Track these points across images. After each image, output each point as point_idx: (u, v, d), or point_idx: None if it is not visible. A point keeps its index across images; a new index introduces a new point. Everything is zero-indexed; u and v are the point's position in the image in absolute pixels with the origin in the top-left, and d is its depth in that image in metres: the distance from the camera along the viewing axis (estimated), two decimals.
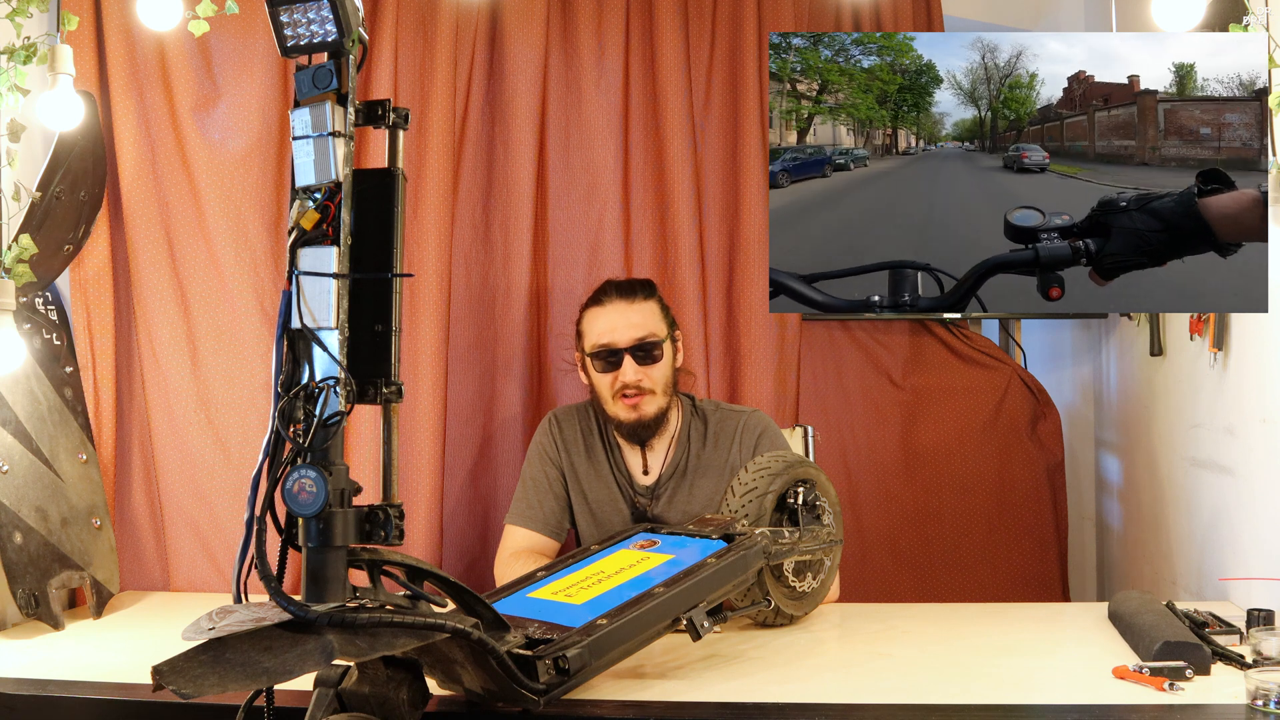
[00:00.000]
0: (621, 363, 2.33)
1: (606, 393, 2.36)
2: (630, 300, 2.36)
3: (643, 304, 2.37)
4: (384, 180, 1.46)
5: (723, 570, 1.80)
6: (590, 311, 2.39)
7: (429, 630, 1.37)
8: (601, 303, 2.38)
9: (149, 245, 2.58)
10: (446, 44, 2.74)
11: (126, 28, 2.55)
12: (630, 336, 2.34)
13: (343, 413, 1.37)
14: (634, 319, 2.35)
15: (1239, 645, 1.84)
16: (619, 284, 2.41)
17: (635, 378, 2.33)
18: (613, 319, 2.35)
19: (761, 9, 2.92)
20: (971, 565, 3.16)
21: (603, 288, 2.41)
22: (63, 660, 1.96)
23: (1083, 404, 3.56)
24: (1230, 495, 2.35)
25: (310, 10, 1.41)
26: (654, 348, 2.34)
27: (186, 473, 2.59)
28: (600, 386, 2.38)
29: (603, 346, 2.35)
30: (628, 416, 2.35)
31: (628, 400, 2.34)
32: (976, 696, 1.64)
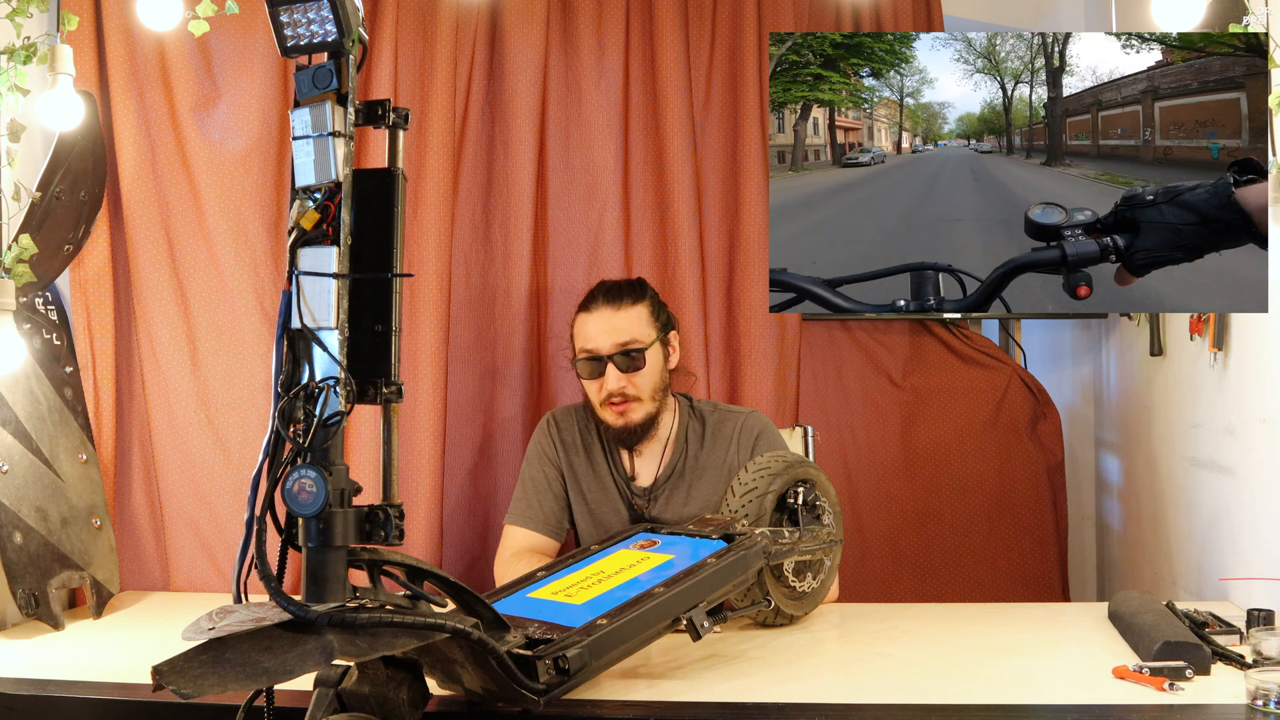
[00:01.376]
0: (605, 370, 2.33)
1: (594, 398, 2.37)
2: (616, 306, 2.35)
3: (629, 309, 2.35)
4: (384, 180, 1.46)
5: (723, 570, 1.80)
6: (579, 317, 2.39)
7: (429, 630, 1.37)
8: (589, 309, 2.37)
9: (149, 245, 2.58)
10: (446, 44, 2.74)
11: (126, 28, 2.55)
12: (613, 343, 2.32)
13: (343, 413, 1.37)
14: (618, 325, 2.33)
15: (1239, 645, 1.84)
16: (607, 288, 2.39)
17: (618, 385, 2.32)
18: (598, 325, 2.34)
19: (761, 9, 2.91)
20: (971, 565, 3.16)
21: (592, 292, 2.40)
22: (63, 660, 1.95)
23: (1083, 404, 3.56)
24: (1230, 495, 2.35)
25: (310, 10, 1.41)
26: (638, 355, 2.33)
27: (186, 473, 2.59)
28: (589, 393, 2.38)
29: (587, 353, 2.34)
30: (614, 422, 2.35)
31: (614, 407, 2.34)
32: (976, 696, 1.64)
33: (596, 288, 2.41)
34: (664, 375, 2.39)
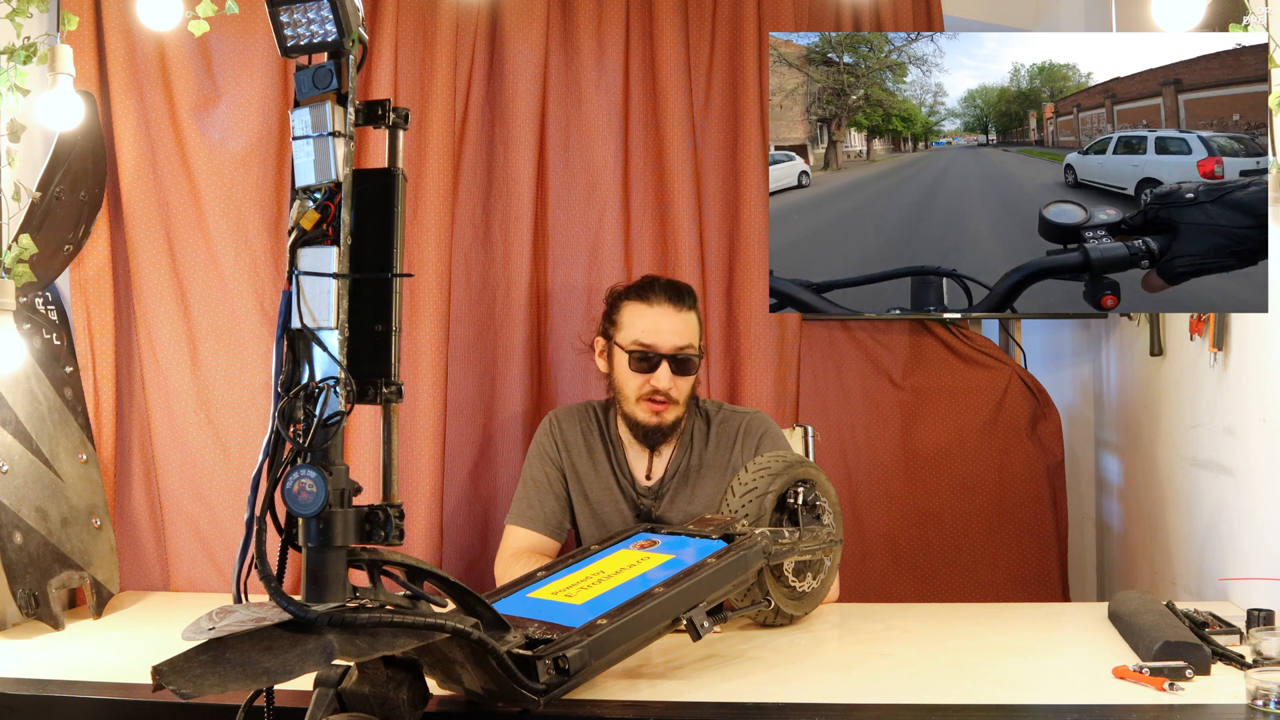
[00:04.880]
0: (658, 367, 2.30)
1: (631, 392, 2.34)
2: (678, 307, 2.33)
3: (688, 314, 2.34)
4: (384, 180, 1.46)
5: (723, 570, 1.80)
6: (634, 306, 2.35)
7: (429, 630, 1.37)
8: (649, 300, 2.33)
9: (149, 245, 2.58)
10: (446, 44, 2.74)
11: (126, 28, 2.55)
12: (673, 344, 2.31)
13: (343, 413, 1.37)
14: (679, 326, 2.32)
15: (1239, 645, 1.84)
16: (667, 285, 2.36)
17: (668, 385, 2.30)
18: (659, 321, 2.31)
19: (761, 9, 2.92)
20: (971, 565, 3.16)
21: (650, 284, 2.36)
22: (63, 660, 1.95)
23: (1083, 404, 3.56)
24: (1230, 495, 2.35)
25: (310, 10, 1.41)
26: (691, 361, 2.33)
27: (186, 473, 2.59)
28: (626, 384, 2.34)
29: (643, 346, 2.31)
30: (647, 420, 2.34)
31: (653, 405, 2.32)
32: (976, 696, 1.64)
33: (654, 281, 2.37)
34: (697, 384, 2.39)
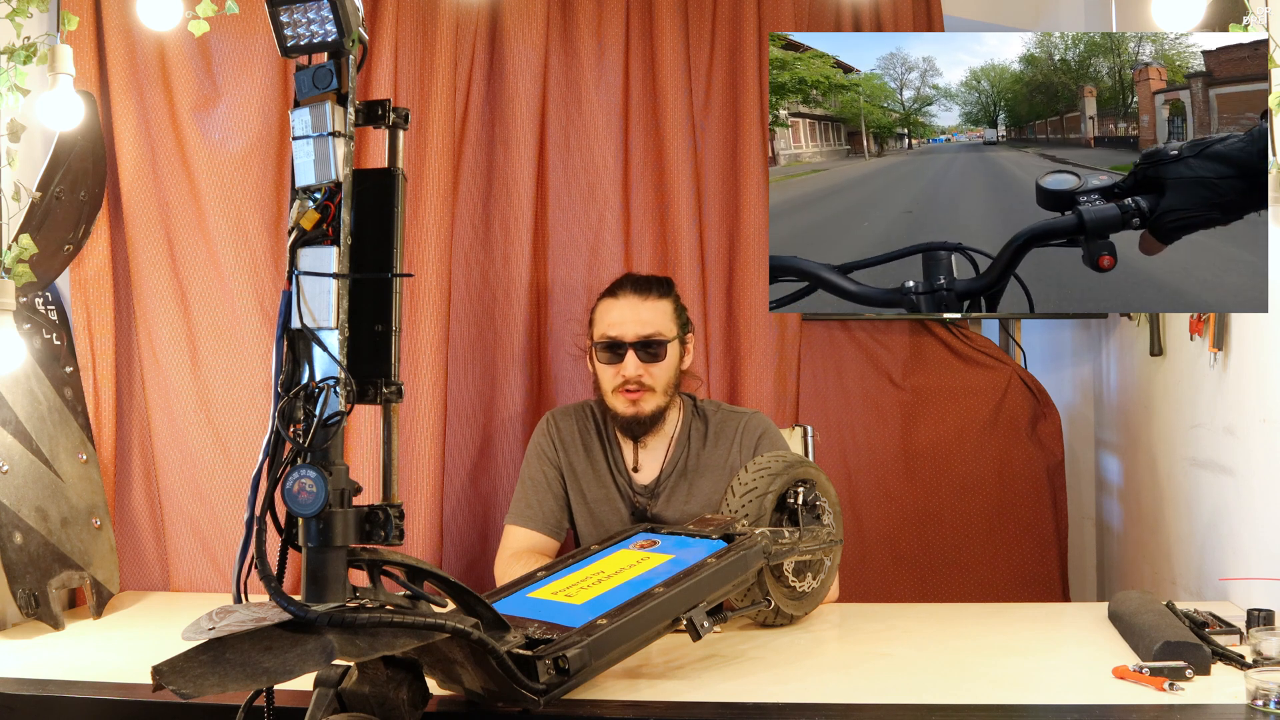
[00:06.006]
0: (624, 357, 2.34)
1: (607, 384, 2.38)
2: (644, 297, 2.38)
3: (656, 302, 2.38)
4: (384, 180, 1.46)
5: (723, 570, 1.80)
6: (604, 302, 2.41)
7: (429, 630, 1.37)
8: (615, 295, 2.39)
9: (149, 245, 2.58)
10: (446, 44, 2.74)
11: (126, 28, 2.55)
12: (636, 332, 2.35)
13: (343, 413, 1.37)
14: (644, 315, 2.36)
15: (1239, 645, 1.84)
16: (636, 279, 2.42)
17: (636, 373, 2.34)
18: (623, 312, 2.36)
19: (761, 9, 2.92)
20: (971, 565, 3.16)
21: (619, 281, 2.43)
22: (63, 660, 1.95)
23: (1083, 404, 3.56)
24: (1230, 495, 2.35)
25: (310, 10, 1.41)
26: (659, 346, 2.35)
27: (186, 473, 2.59)
28: (602, 378, 2.39)
29: (609, 339, 2.36)
30: (625, 410, 2.36)
31: (628, 395, 2.35)
32: (976, 696, 1.64)
33: (624, 278, 2.44)
34: (678, 372, 2.41)
